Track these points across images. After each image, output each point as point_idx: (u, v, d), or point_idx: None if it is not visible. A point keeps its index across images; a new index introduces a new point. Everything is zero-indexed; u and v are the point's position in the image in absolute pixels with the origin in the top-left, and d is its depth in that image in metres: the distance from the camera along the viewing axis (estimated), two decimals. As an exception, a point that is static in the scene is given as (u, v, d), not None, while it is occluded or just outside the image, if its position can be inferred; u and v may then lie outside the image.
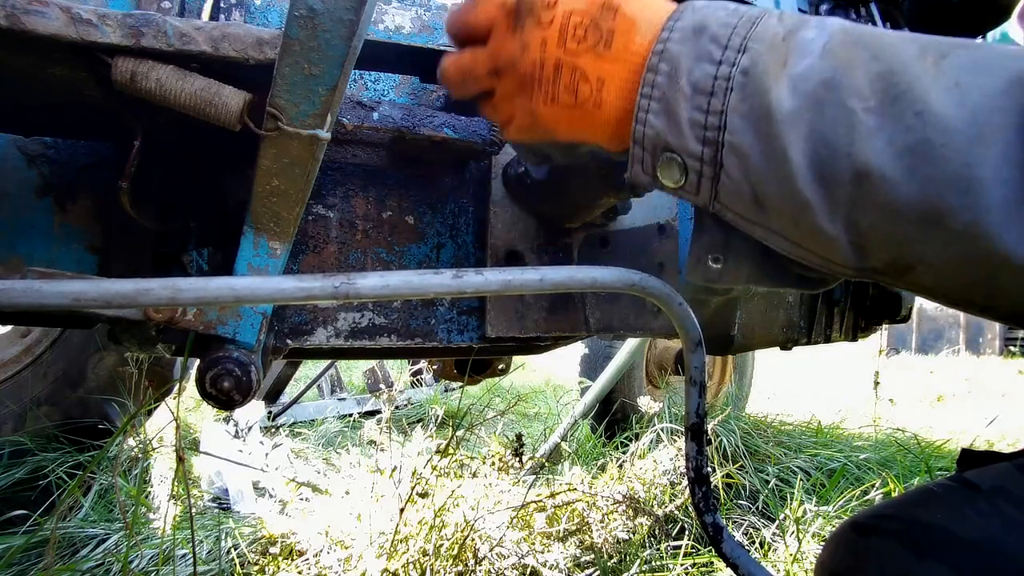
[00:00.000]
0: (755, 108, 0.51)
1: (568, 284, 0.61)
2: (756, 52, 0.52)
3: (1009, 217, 0.41)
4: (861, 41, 0.49)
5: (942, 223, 0.44)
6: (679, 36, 0.56)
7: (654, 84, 0.56)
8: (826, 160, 0.48)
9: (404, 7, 1.03)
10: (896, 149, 0.45)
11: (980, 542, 0.48)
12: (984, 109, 0.43)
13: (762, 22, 0.54)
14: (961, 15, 1.27)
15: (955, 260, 0.45)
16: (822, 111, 0.48)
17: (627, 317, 1.02)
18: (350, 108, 0.81)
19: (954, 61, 0.46)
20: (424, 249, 0.96)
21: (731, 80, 0.53)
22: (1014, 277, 0.43)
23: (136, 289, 0.50)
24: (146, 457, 2.08)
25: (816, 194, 0.49)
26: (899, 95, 0.46)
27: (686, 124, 0.55)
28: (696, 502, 0.83)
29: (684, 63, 0.55)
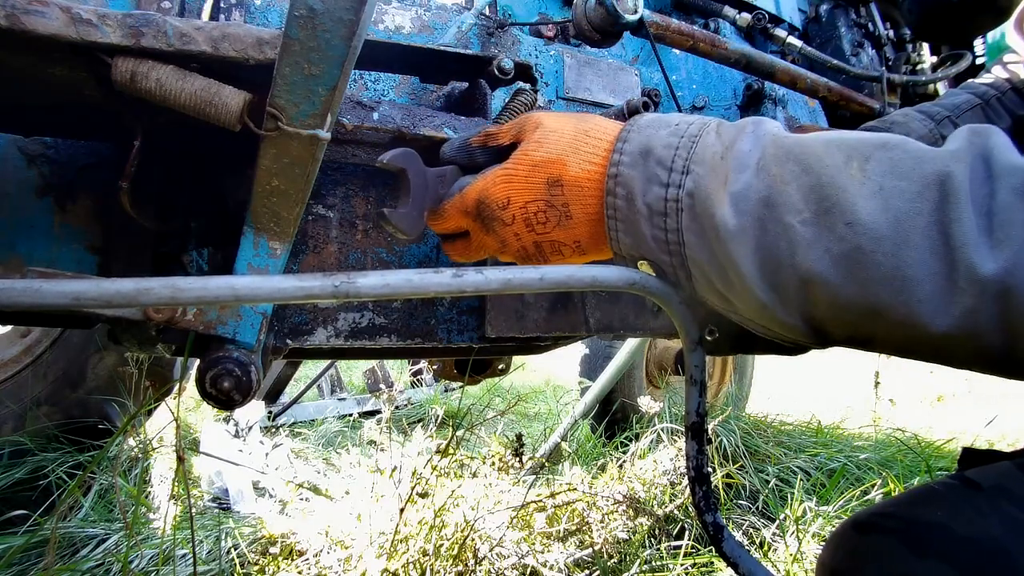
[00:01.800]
0: (704, 228, 0.57)
1: (568, 284, 0.61)
2: (698, 175, 0.58)
3: (940, 305, 0.47)
4: (791, 154, 0.55)
5: (883, 316, 0.50)
6: (629, 160, 0.62)
7: (616, 207, 0.63)
8: (773, 270, 0.54)
9: (404, 7, 1.03)
10: (833, 257, 0.51)
11: (981, 541, 0.48)
12: (906, 213, 0.49)
13: (701, 141, 0.60)
14: (961, 15, 1.27)
15: (902, 340, 0.51)
16: (764, 227, 0.54)
17: (627, 317, 1.02)
18: (350, 108, 0.81)
19: (876, 165, 0.51)
20: (424, 249, 0.96)
21: (680, 202, 0.59)
22: (955, 347, 0.48)
23: (136, 289, 0.50)
24: (146, 457, 2.08)
25: (771, 298, 0.55)
26: (830, 207, 0.51)
27: (651, 241, 0.62)
28: (696, 502, 0.83)
29: (637, 186, 0.61)
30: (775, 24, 1.41)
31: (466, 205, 0.71)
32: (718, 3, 1.39)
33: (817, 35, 1.54)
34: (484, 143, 0.74)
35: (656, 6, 1.37)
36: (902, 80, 1.37)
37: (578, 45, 1.20)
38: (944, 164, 0.49)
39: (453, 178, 0.76)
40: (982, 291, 0.45)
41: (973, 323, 0.46)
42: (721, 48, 1.12)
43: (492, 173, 0.69)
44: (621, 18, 0.98)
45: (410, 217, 0.73)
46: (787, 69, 1.19)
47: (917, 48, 1.57)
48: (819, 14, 1.54)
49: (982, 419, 3.18)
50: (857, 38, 1.50)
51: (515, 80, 0.91)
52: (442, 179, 0.76)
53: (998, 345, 0.46)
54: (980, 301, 0.45)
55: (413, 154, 0.73)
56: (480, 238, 0.73)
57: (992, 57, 1.38)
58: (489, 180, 0.69)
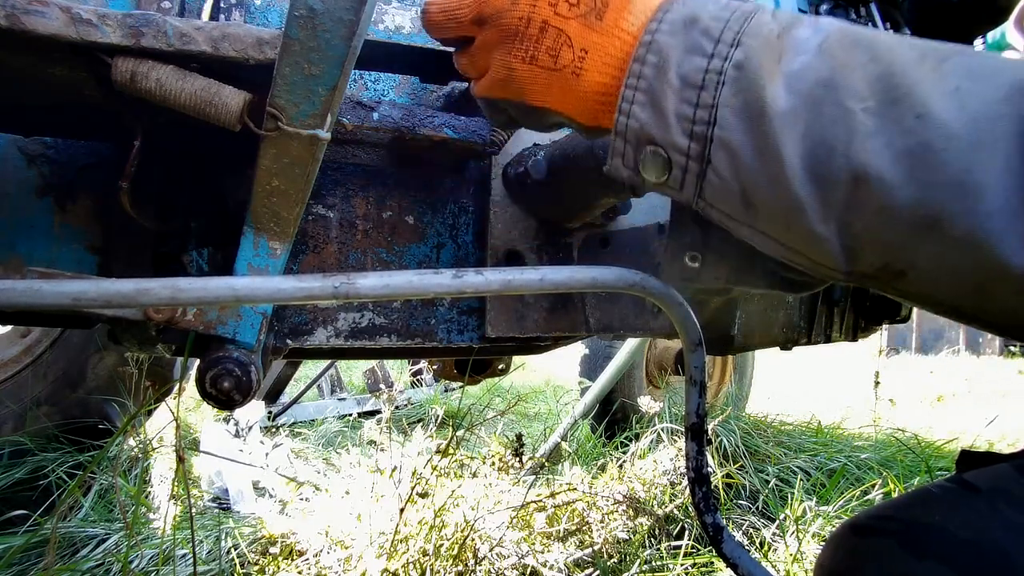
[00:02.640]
0: (748, 104, 0.50)
1: (568, 284, 0.61)
2: (750, 47, 0.51)
3: (1009, 224, 0.41)
4: (859, 42, 0.49)
5: (940, 228, 0.43)
6: (669, 28, 0.54)
7: (640, 75, 0.54)
8: (822, 160, 0.47)
9: (404, 7, 1.03)
10: (895, 152, 0.45)
11: (979, 543, 0.48)
12: (985, 116, 0.43)
13: (756, 17, 0.53)
14: (960, 15, 1.27)
15: (949, 267, 0.45)
16: (820, 111, 0.47)
17: (627, 317, 1.02)
18: (350, 108, 0.81)
19: (954, 66, 0.45)
20: (424, 249, 0.96)
21: (723, 74, 0.51)
22: (1006, 286, 0.42)
23: (136, 289, 0.50)
24: (146, 457, 2.08)
25: (810, 195, 0.48)
26: (899, 97, 0.45)
27: (673, 117, 0.53)
28: (696, 502, 0.83)
29: (673, 55, 0.53)
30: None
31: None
32: (718, 3, 1.39)
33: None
34: None
35: (656, 6, 1.37)
36: (902, 80, 1.36)
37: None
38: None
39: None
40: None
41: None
42: (721, 48, 1.11)
43: None
44: (621, 18, 0.97)
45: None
46: (787, 69, 1.19)
47: (917, 48, 1.57)
48: (819, 14, 1.54)
49: (982, 419, 3.18)
50: (857, 38, 1.50)
51: (515, 80, 0.91)
52: None
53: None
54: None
55: None
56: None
57: (992, 57, 1.38)
58: None
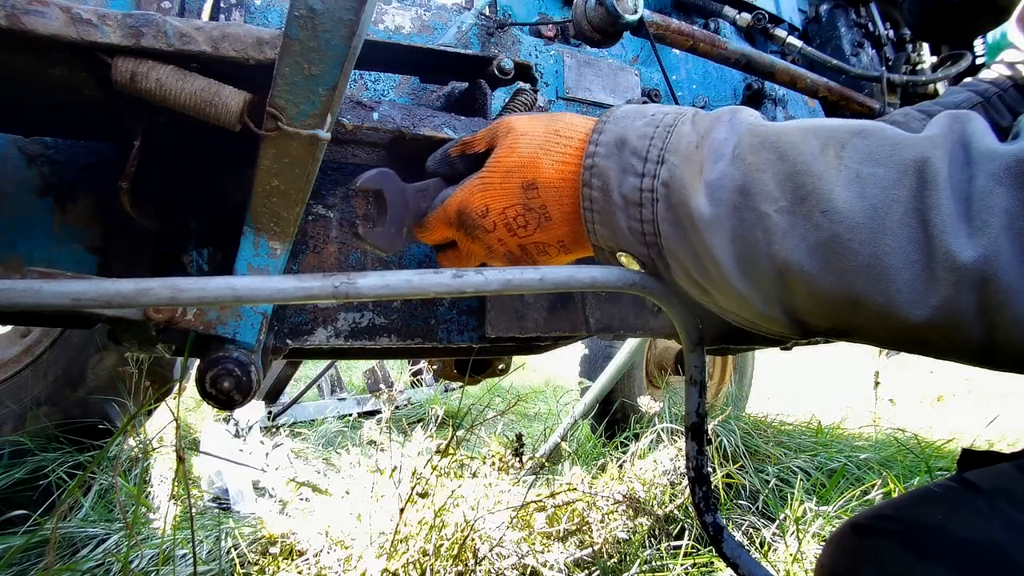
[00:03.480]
0: (680, 217, 0.56)
1: (568, 284, 0.61)
2: (673, 164, 0.57)
3: (918, 294, 0.46)
4: (766, 142, 0.53)
5: (862, 305, 0.49)
6: (604, 151, 0.62)
7: (591, 199, 0.62)
8: (750, 261, 0.53)
9: (404, 7, 1.03)
10: (810, 246, 0.50)
11: (980, 543, 0.48)
12: (883, 202, 0.47)
13: (676, 130, 0.60)
14: (960, 15, 1.27)
15: (881, 330, 0.50)
16: (740, 216, 0.53)
17: (627, 317, 1.02)
18: (350, 108, 0.81)
19: (852, 152, 0.50)
20: (424, 249, 0.96)
21: (655, 192, 0.58)
22: (937, 338, 0.47)
23: (136, 289, 0.50)
24: (146, 457, 2.08)
25: (748, 288, 0.54)
26: (806, 195, 0.50)
27: (627, 232, 0.61)
28: (696, 502, 0.83)
29: (613, 177, 0.60)
30: (775, 24, 1.41)
31: (448, 216, 0.72)
32: (718, 3, 1.39)
33: (817, 35, 1.54)
34: (462, 152, 0.74)
35: (656, 6, 1.37)
36: (902, 80, 1.37)
37: (578, 45, 1.20)
38: (922, 150, 0.48)
39: (436, 190, 0.77)
40: (960, 279, 0.44)
41: (952, 312, 0.45)
42: (721, 48, 1.12)
43: (470, 183, 0.70)
44: (621, 18, 0.98)
45: (387, 235, 0.74)
46: (787, 69, 1.19)
47: (917, 48, 1.57)
48: (819, 14, 1.54)
49: (982, 419, 3.17)
50: (857, 38, 1.50)
51: (515, 80, 0.91)
52: (424, 193, 0.77)
53: (977, 335, 0.45)
54: (958, 290, 0.44)
55: (389, 173, 0.74)
56: (467, 246, 0.74)
57: (992, 57, 1.38)
58: (467, 190, 0.70)
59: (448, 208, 0.71)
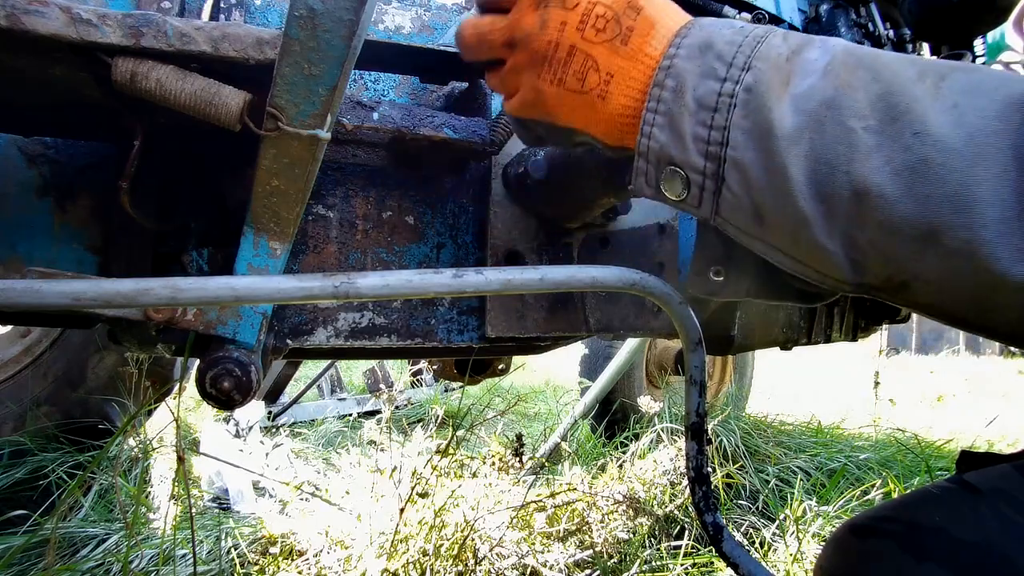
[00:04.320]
0: (757, 125, 0.52)
1: (568, 284, 0.61)
2: (759, 71, 0.53)
3: (1005, 236, 0.42)
4: (863, 62, 0.51)
5: (939, 241, 0.45)
6: (686, 53, 0.57)
7: (660, 99, 0.57)
8: (825, 177, 0.49)
9: (404, 7, 1.03)
10: (894, 167, 0.46)
11: (980, 544, 0.47)
12: (981, 131, 0.44)
13: (767, 41, 0.55)
14: (960, 15, 1.27)
15: (950, 278, 0.46)
16: (823, 130, 0.49)
17: (627, 317, 1.02)
18: (350, 108, 0.81)
19: (952, 83, 0.47)
20: (424, 249, 0.96)
21: (735, 97, 0.54)
22: (1007, 296, 0.43)
23: (136, 289, 0.50)
24: (146, 457, 2.08)
25: (815, 210, 0.50)
26: (898, 115, 0.47)
27: (690, 138, 0.56)
28: (696, 502, 0.83)
29: (690, 79, 0.56)
30: (775, 24, 1.41)
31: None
32: (718, 3, 1.39)
33: (817, 35, 1.54)
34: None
35: (656, 6, 1.37)
36: (902, 80, 1.36)
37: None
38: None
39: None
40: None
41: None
42: (721, 48, 1.11)
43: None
44: (621, 18, 0.97)
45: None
46: (787, 69, 1.19)
47: (917, 48, 1.57)
48: (819, 14, 1.54)
49: (982, 419, 3.18)
50: (857, 38, 1.50)
51: (515, 80, 0.91)
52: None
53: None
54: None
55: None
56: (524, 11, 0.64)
57: (992, 57, 1.38)
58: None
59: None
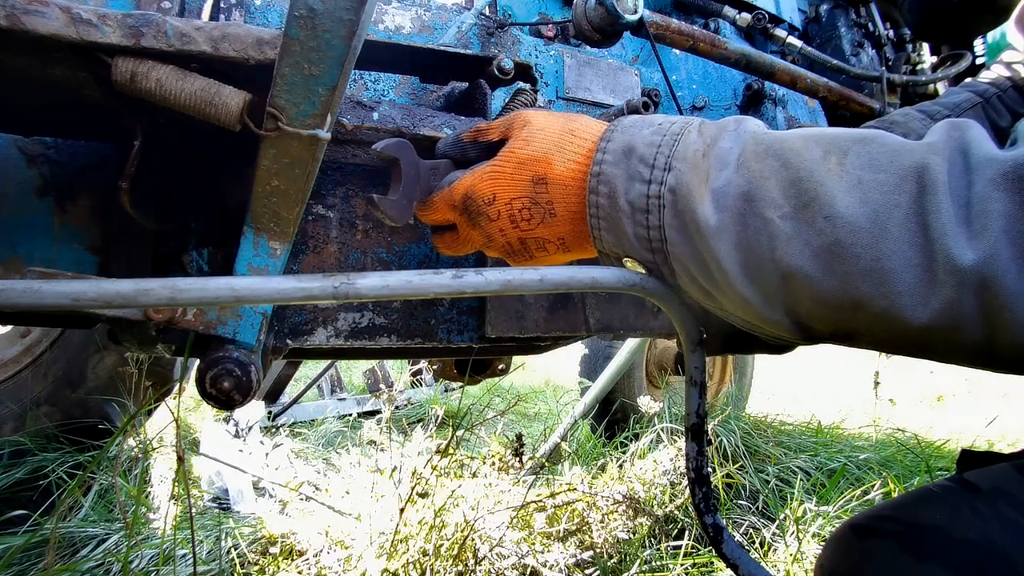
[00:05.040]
0: (686, 224, 0.57)
1: (568, 284, 0.61)
2: (679, 172, 0.58)
3: (920, 297, 0.47)
4: (770, 151, 0.55)
5: (864, 308, 0.50)
6: (612, 158, 0.63)
7: (598, 205, 0.63)
8: (754, 266, 0.54)
9: (404, 7, 1.03)
10: (813, 251, 0.51)
11: (979, 543, 0.48)
12: (884, 207, 0.48)
13: (683, 140, 0.60)
14: (960, 15, 1.27)
15: (883, 332, 0.51)
16: (744, 222, 0.54)
17: (627, 317, 1.02)
18: (350, 108, 0.81)
19: (854, 159, 0.51)
20: (424, 249, 0.96)
21: (661, 198, 0.59)
22: (937, 341, 0.48)
23: (136, 289, 0.50)
24: (146, 457, 2.08)
25: (753, 293, 0.55)
26: (809, 201, 0.51)
27: (633, 239, 0.62)
28: (696, 502, 0.83)
29: (620, 184, 0.61)
30: (775, 24, 1.41)
31: (454, 199, 0.72)
32: (718, 3, 1.39)
33: (817, 35, 1.54)
34: (475, 138, 0.75)
35: (656, 6, 1.37)
36: (902, 80, 1.37)
37: (578, 45, 1.20)
38: (922, 156, 0.49)
39: (446, 171, 0.77)
40: (961, 282, 0.45)
41: (953, 315, 0.46)
42: (721, 48, 1.12)
43: (480, 169, 0.70)
44: (621, 18, 0.98)
45: (399, 205, 0.74)
46: (787, 69, 1.19)
47: (917, 48, 1.57)
48: (819, 14, 1.54)
49: (982, 419, 3.18)
50: (857, 38, 1.50)
51: (515, 80, 0.91)
52: (435, 171, 0.77)
53: (979, 337, 0.46)
54: (959, 292, 0.45)
55: (407, 144, 0.75)
56: (467, 232, 0.74)
57: (992, 57, 1.38)
58: (477, 176, 0.70)
59: (455, 190, 0.72)
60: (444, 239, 0.79)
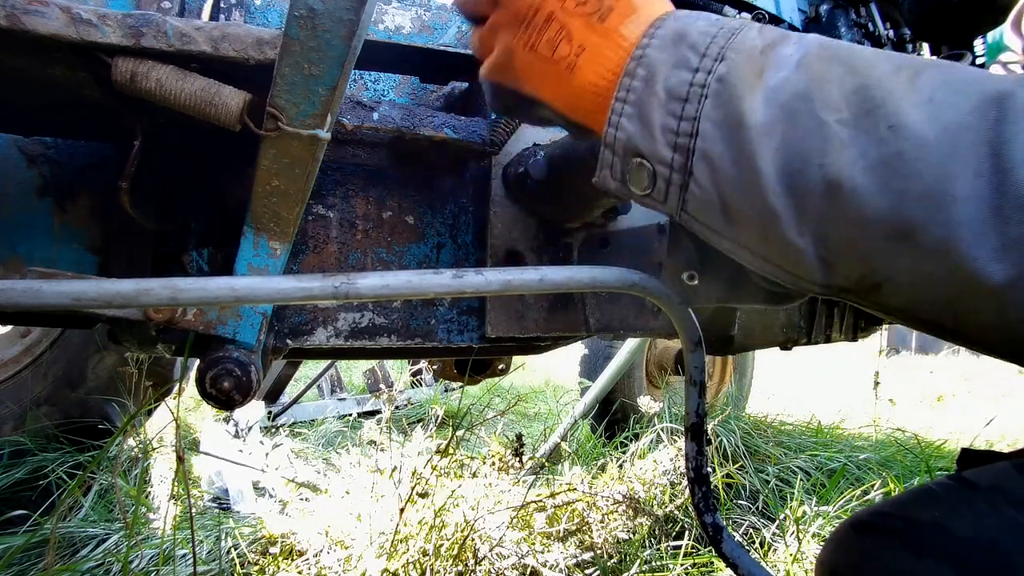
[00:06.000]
0: (728, 116, 0.51)
1: (568, 284, 0.61)
2: (733, 62, 0.52)
3: (982, 235, 0.41)
4: (837, 56, 0.49)
5: (913, 238, 0.44)
6: (659, 43, 0.56)
7: (630, 88, 0.56)
8: (797, 171, 0.48)
9: (404, 7, 1.03)
10: (868, 162, 0.45)
11: (979, 541, 0.48)
12: (957, 126, 0.43)
13: (741, 34, 0.54)
14: (960, 15, 1.27)
15: (924, 278, 0.45)
16: (795, 122, 0.48)
17: (627, 317, 1.02)
18: (350, 108, 0.81)
19: (928, 78, 0.46)
20: (424, 249, 0.96)
21: (706, 87, 0.52)
22: (982, 298, 0.42)
23: (136, 289, 0.50)
24: (146, 457, 2.08)
25: (785, 205, 0.48)
26: (873, 108, 0.46)
27: (658, 129, 0.54)
28: (696, 502, 0.83)
29: (661, 69, 0.54)
30: (775, 24, 1.41)
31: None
32: (718, 3, 1.39)
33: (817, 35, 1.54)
34: None
35: (656, 6, 1.37)
36: (902, 80, 1.36)
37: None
38: (1005, 85, 0.44)
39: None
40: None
41: (1018, 261, 0.40)
42: (721, 48, 1.12)
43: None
44: (621, 18, 0.97)
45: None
46: (787, 69, 1.19)
47: (917, 48, 1.57)
48: (819, 14, 1.54)
49: (982, 419, 3.18)
50: (857, 38, 1.50)
51: (515, 80, 0.91)
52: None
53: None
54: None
55: None
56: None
57: (991, 57, 1.39)
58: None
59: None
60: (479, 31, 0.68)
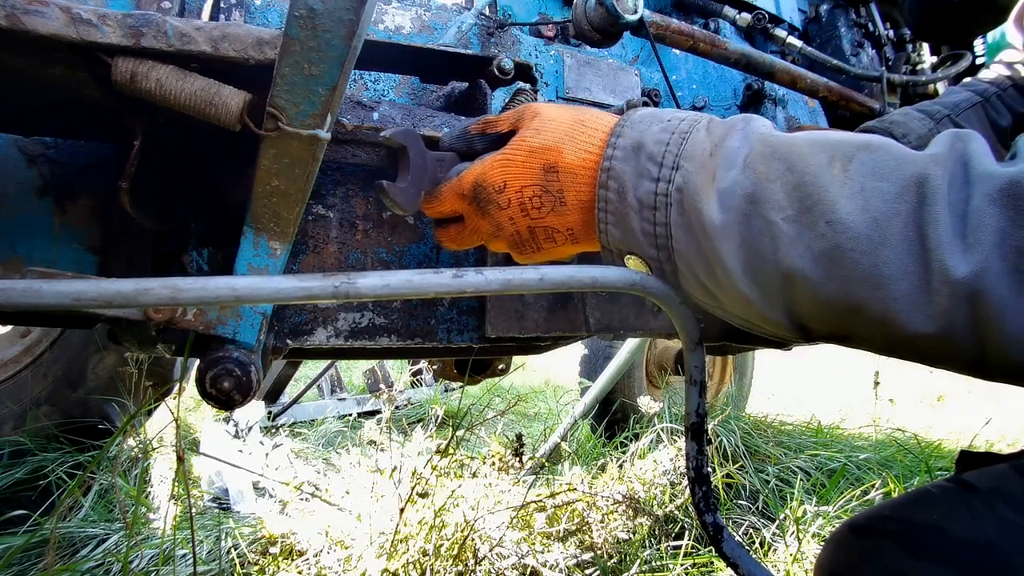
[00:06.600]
0: (692, 222, 0.58)
1: (568, 284, 0.61)
2: (687, 171, 0.59)
3: (915, 305, 0.48)
4: (777, 153, 0.56)
5: (861, 313, 0.51)
6: (622, 154, 0.64)
7: (607, 200, 0.64)
8: (757, 266, 0.55)
9: (404, 7, 1.03)
10: (814, 254, 0.52)
11: (977, 543, 0.48)
12: (885, 214, 0.50)
13: (691, 138, 0.61)
14: (961, 15, 1.27)
15: (878, 338, 0.52)
16: (749, 224, 0.55)
17: (627, 317, 1.02)
18: (350, 108, 0.81)
19: (858, 166, 0.53)
20: (424, 249, 0.96)
21: (669, 196, 0.60)
22: (931, 348, 0.50)
23: (136, 289, 0.50)
24: (146, 457, 2.08)
25: (755, 293, 0.56)
26: (812, 205, 0.53)
27: (639, 235, 0.63)
28: (696, 502, 0.83)
29: (629, 181, 0.63)
30: (775, 24, 1.41)
31: (463, 188, 0.72)
32: (718, 3, 1.39)
33: (817, 35, 1.54)
34: (483, 130, 0.75)
35: (656, 6, 1.37)
36: (902, 80, 1.37)
37: (578, 45, 1.20)
38: (924, 167, 0.50)
39: (452, 163, 0.77)
40: (954, 292, 0.46)
41: (946, 324, 0.47)
42: (721, 48, 1.12)
43: (491, 158, 0.71)
44: (621, 18, 0.98)
45: (407, 193, 0.74)
46: (787, 69, 1.19)
47: (917, 48, 1.57)
48: (819, 14, 1.54)
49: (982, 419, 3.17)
50: (857, 38, 1.50)
51: (515, 80, 0.91)
52: (441, 163, 0.77)
53: (970, 347, 0.47)
54: (952, 302, 0.46)
55: (415, 133, 0.75)
56: (475, 222, 0.74)
57: (992, 57, 1.38)
58: (487, 164, 0.70)
59: (464, 179, 0.72)
60: (449, 232, 0.78)
